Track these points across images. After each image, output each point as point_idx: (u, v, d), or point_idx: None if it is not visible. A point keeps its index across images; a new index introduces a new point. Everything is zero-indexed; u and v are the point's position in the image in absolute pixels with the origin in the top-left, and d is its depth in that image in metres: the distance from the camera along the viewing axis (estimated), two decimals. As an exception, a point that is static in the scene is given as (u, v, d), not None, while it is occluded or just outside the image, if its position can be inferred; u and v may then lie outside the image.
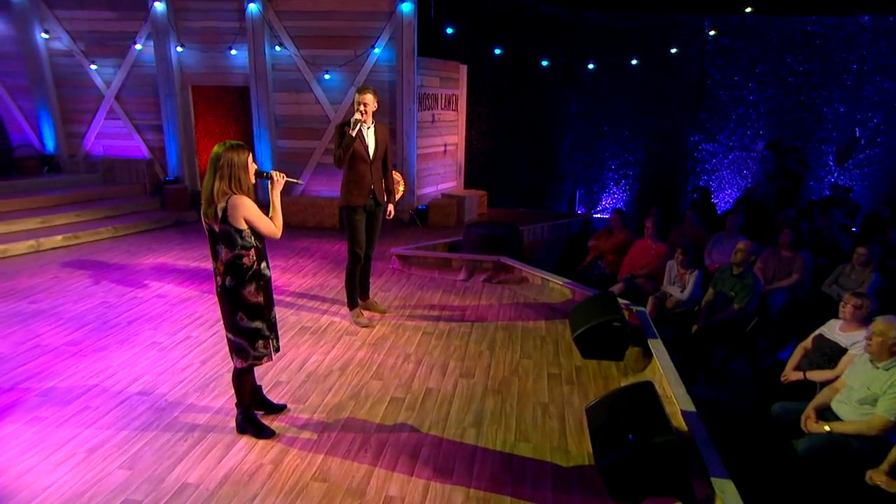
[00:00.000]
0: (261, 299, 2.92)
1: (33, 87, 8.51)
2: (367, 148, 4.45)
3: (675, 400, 3.38)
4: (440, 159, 9.11)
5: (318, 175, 8.36)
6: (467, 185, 9.97)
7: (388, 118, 8.11)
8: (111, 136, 8.75)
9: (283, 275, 5.94)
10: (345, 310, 4.89)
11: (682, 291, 5.36)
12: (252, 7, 7.73)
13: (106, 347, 4.19)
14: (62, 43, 8.35)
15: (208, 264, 6.13)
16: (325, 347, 4.28)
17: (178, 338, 4.39)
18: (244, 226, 2.80)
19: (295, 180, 3.26)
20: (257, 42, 7.89)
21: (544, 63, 10.02)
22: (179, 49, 8.14)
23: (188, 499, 2.66)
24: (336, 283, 5.62)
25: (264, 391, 3.51)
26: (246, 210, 2.77)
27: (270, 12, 7.82)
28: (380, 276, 5.97)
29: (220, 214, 2.78)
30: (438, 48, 8.91)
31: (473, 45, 9.54)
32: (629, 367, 4.11)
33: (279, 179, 3.02)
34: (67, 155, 8.81)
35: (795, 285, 5.54)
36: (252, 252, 2.85)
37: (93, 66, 8.37)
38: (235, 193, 2.77)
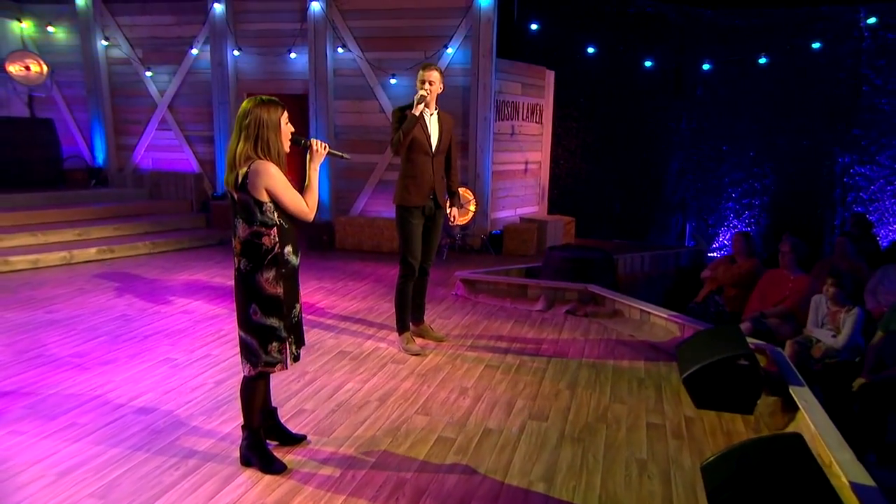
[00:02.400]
0: (280, 291, 2.65)
1: (89, 98, 9.20)
2: (428, 137, 4.25)
3: (840, 470, 2.69)
4: (520, 179, 8.81)
5: (378, 194, 8.29)
6: (551, 210, 9.56)
7: (459, 129, 7.96)
8: (161, 148, 9.21)
9: (327, 296, 5.77)
10: (393, 335, 4.57)
11: (834, 336, 4.59)
12: (315, 6, 7.98)
13: (113, 361, 4.10)
14: (121, 50, 9.01)
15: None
16: (365, 375, 3.95)
17: (195, 355, 4.24)
18: (266, 198, 2.57)
19: (340, 154, 3.04)
20: (319, 44, 8.10)
21: (647, 70, 9.62)
22: (236, 53, 8.52)
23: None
24: (387, 308, 5.35)
25: (284, 419, 3.22)
26: (270, 178, 2.54)
27: (334, 11, 8.04)
28: (440, 302, 5.65)
29: (239, 181, 2.58)
30: (522, 52, 8.78)
31: (562, 49, 9.34)
32: (762, 423, 3.45)
33: (320, 150, 2.78)
34: (116, 168, 9.35)
35: None
36: (274, 231, 2.61)
37: (148, 73, 8.94)
38: (261, 158, 2.56)
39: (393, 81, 8.01)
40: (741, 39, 9.60)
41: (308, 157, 2.78)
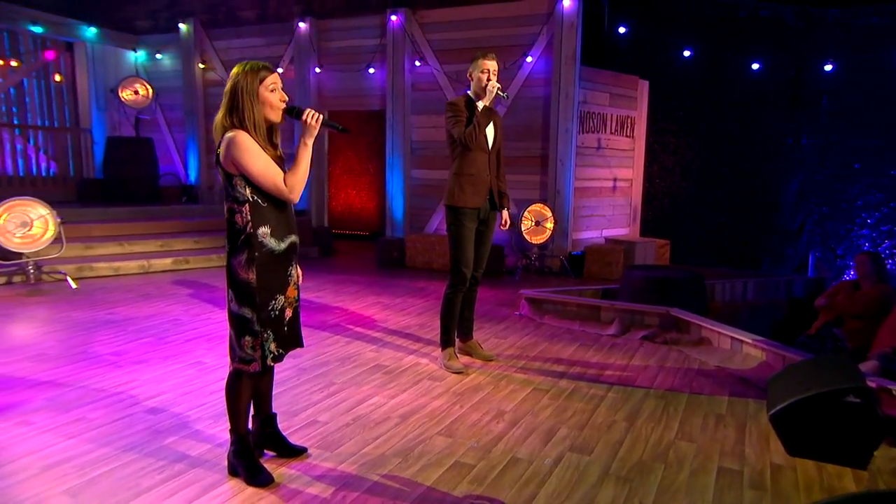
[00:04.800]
0: (251, 277, 2.39)
1: (186, 119, 9.79)
2: (485, 134, 3.95)
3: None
4: (607, 197, 8.22)
5: (453, 211, 8.03)
6: (644, 233, 8.83)
7: (539, 141, 7.59)
8: (248, 166, 9.57)
9: (382, 311, 5.53)
10: (438, 352, 4.21)
11: None
12: (394, 19, 8.00)
13: (146, 361, 4.07)
14: (216, 73, 9.54)
15: (311, 296, 6.00)
16: (394, 390, 3.61)
17: (226, 360, 4.10)
18: (234, 170, 2.36)
19: (336, 125, 2.73)
20: (397, 58, 8.09)
21: (758, 80, 8.73)
22: (318, 70, 8.72)
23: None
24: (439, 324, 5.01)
25: (293, 429, 2.97)
26: (236, 148, 2.31)
27: (414, 25, 8.02)
28: (500, 322, 5.23)
29: (216, 154, 2.40)
30: (613, 61, 8.28)
31: (658, 57, 8.72)
32: (881, 481, 2.71)
33: (312, 122, 2.47)
34: (206, 186, 9.82)
35: None
36: (245, 209, 2.37)
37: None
38: (236, 128, 2.36)
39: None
40: (875, 39, 8.49)
41: (303, 130, 2.52)
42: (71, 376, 3.75)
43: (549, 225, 7.23)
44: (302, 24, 8.64)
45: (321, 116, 2.48)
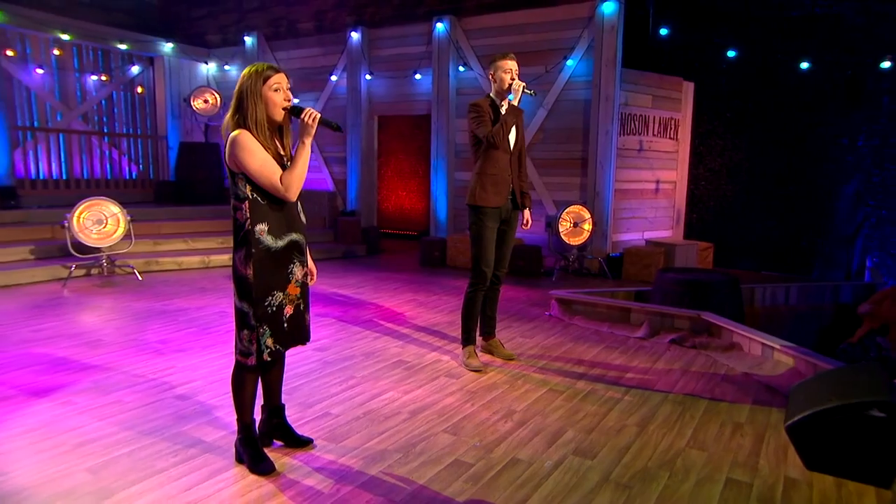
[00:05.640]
0: (249, 273, 2.38)
1: (251, 125, 10.07)
2: (507, 134, 3.86)
3: None
4: (649, 199, 7.88)
5: (495, 212, 7.91)
6: (689, 235, 8.42)
7: (580, 143, 7.36)
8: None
9: (415, 308, 5.49)
10: (460, 350, 4.12)
11: None
12: (440, 27, 7.96)
13: (187, 350, 4.17)
14: (277, 82, 9.77)
15: (350, 292, 6.04)
16: (410, 386, 3.55)
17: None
18: (236, 169, 2.36)
19: (330, 124, 2.57)
20: (442, 64, 8.03)
21: (812, 80, 8.16)
22: (368, 77, 8.78)
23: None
24: (468, 323, 4.91)
25: (306, 420, 2.96)
26: (236, 147, 2.31)
27: (458, 31, 7.94)
28: (529, 321, 5.08)
29: (223, 154, 2.41)
30: (657, 63, 7.93)
31: (705, 59, 8.28)
32: (904, 501, 2.43)
33: (309, 121, 2.42)
34: (268, 187, 10.07)
35: None
36: (245, 206, 2.37)
37: (294, 100, 9.54)
38: (240, 127, 2.36)
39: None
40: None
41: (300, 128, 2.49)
42: (118, 361, 3.89)
43: (587, 227, 6.99)
44: (354, 34, 8.72)
45: (318, 116, 2.44)
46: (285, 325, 2.47)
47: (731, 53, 7.91)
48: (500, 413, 3.19)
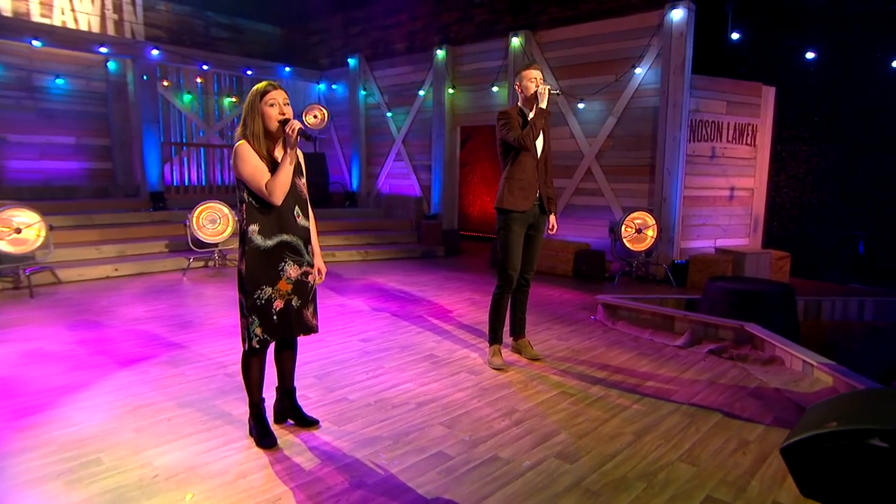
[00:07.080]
0: (242, 267, 2.55)
1: (352, 137, 10.57)
2: (535, 139, 3.78)
3: None
4: (722, 206, 7.25)
5: (564, 217, 7.68)
6: (767, 244, 7.63)
7: (648, 150, 6.94)
8: (396, 175, 10.07)
9: (468, 307, 5.48)
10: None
11: None
12: (515, 42, 7.86)
13: (254, 333, 4.46)
14: (374, 98, 10.17)
15: (414, 290, 6.16)
16: (428, 379, 3.57)
17: (312, 338, 4.34)
18: (236, 175, 2.53)
19: (306, 134, 2.49)
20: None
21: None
22: (451, 91, 8.87)
23: (140, 480, 2.39)
24: (511, 322, 4.83)
25: (325, 403, 3.11)
26: (235, 157, 2.49)
27: (533, 44, 7.80)
28: (571, 324, 4.90)
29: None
30: (734, 69, 7.27)
31: (787, 62, 7.44)
32: (904, 543, 2.07)
33: (290, 132, 2.45)
34: (365, 192, 10.52)
35: None
36: (243, 209, 2.53)
37: (388, 114, 9.89)
38: (245, 138, 2.52)
39: (581, 106, 7.38)
40: None
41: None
42: (194, 341, 4.26)
43: (651, 233, 6.57)
44: (439, 52, 8.86)
45: (298, 127, 2.48)
46: (274, 317, 2.59)
47: (816, 55, 7.06)
48: (502, 411, 3.12)
